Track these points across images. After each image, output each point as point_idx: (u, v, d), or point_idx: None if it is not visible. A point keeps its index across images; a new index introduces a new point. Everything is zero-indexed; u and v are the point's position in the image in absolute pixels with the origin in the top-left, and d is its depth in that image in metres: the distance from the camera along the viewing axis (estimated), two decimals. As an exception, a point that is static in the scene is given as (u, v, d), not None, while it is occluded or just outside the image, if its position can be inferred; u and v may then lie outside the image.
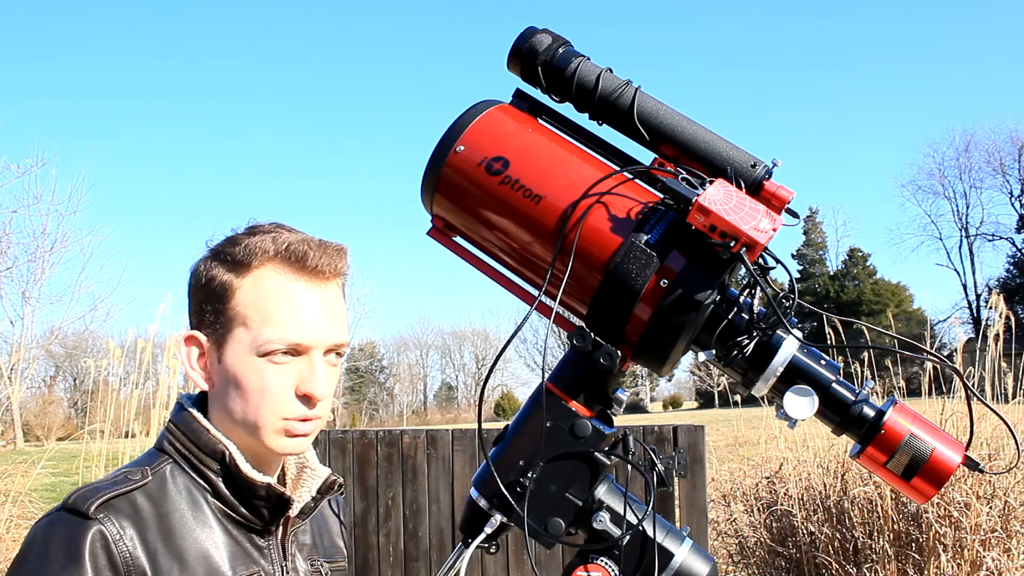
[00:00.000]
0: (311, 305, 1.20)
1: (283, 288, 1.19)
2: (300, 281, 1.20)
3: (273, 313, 1.18)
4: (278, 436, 1.19)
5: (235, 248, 1.21)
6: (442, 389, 63.04)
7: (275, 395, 1.18)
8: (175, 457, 1.21)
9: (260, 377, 1.18)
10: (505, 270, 1.33)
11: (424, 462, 4.92)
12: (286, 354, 1.18)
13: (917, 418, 1.19)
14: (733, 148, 1.26)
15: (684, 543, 1.24)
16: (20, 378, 16.42)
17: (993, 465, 5.15)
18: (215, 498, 1.20)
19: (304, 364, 1.19)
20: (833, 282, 49.14)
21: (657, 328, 1.18)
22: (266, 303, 1.19)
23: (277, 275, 1.20)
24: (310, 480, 1.31)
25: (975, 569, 5.13)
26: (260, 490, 1.20)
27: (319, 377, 1.19)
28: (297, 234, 1.24)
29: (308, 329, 1.19)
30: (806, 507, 5.71)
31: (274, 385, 1.18)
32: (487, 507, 1.24)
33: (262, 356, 1.17)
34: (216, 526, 1.19)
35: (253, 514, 1.21)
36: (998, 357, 6.20)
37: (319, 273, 1.21)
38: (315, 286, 1.21)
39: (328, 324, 1.21)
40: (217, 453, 1.20)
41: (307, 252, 1.20)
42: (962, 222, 48.93)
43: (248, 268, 1.20)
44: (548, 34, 1.33)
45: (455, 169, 1.27)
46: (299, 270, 1.20)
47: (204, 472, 1.20)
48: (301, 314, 1.19)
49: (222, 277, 1.21)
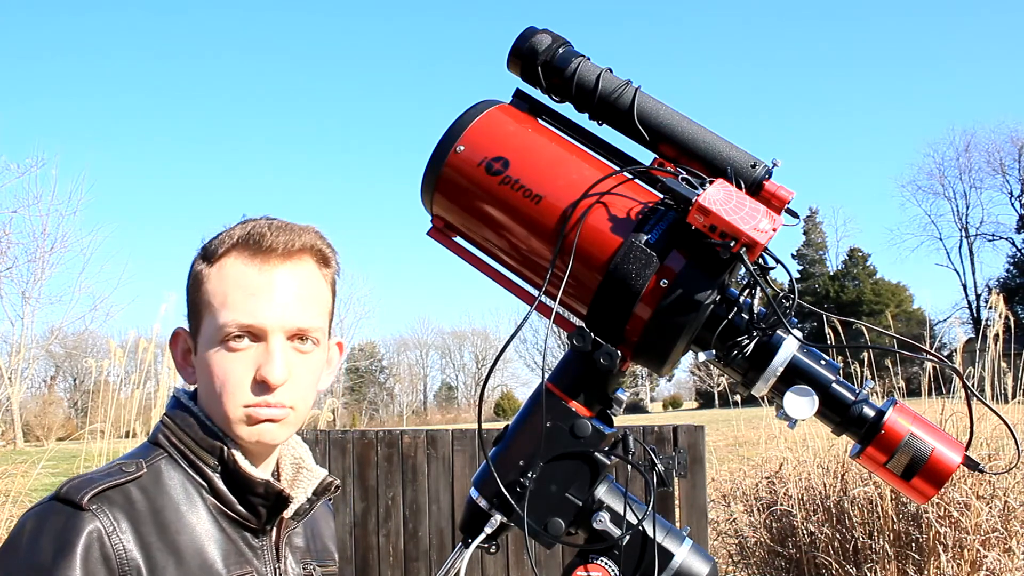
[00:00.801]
0: (266, 286, 1.17)
1: (240, 272, 1.17)
2: (255, 263, 1.17)
3: (228, 297, 1.16)
4: (242, 425, 1.16)
5: (213, 241, 1.21)
6: (442, 389, 63.09)
7: (233, 381, 1.15)
8: (170, 451, 1.19)
9: (220, 365, 1.15)
10: (505, 270, 1.32)
11: (424, 462, 4.92)
12: (244, 339, 1.15)
13: (917, 418, 1.19)
14: (733, 148, 1.26)
15: (684, 543, 1.24)
16: (20, 378, 16.43)
17: (993, 465, 5.15)
18: (211, 494, 1.17)
19: (262, 349, 1.16)
20: (833, 282, 49.13)
21: (657, 328, 1.18)
22: (224, 288, 1.17)
23: (238, 261, 1.18)
24: (306, 481, 1.29)
25: (975, 569, 5.13)
26: (258, 487, 1.17)
27: (275, 361, 1.14)
28: (271, 220, 1.22)
29: (260, 310, 1.15)
30: (806, 507, 5.71)
31: (233, 371, 1.15)
32: (487, 507, 1.24)
33: (221, 343, 1.15)
34: (211, 523, 1.16)
35: (250, 512, 1.19)
36: (998, 357, 6.20)
37: (273, 251, 1.18)
38: (272, 266, 1.18)
39: (286, 305, 1.17)
40: (215, 448, 1.17)
41: (264, 233, 1.18)
42: (962, 222, 48.97)
43: (216, 258, 1.19)
44: (548, 34, 1.33)
45: (455, 169, 1.27)
46: (256, 252, 1.18)
47: (200, 467, 1.17)
48: (255, 296, 1.16)
49: (196, 269, 1.21)
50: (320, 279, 1.23)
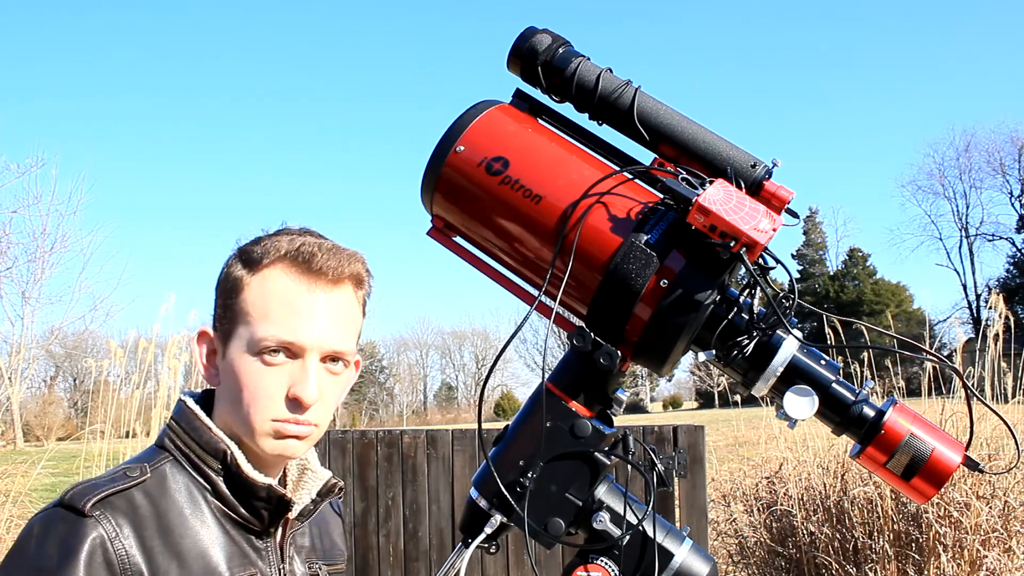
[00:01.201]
0: (310, 307, 1.18)
1: (285, 287, 1.18)
2: (303, 282, 1.19)
3: (271, 311, 1.17)
4: (268, 438, 1.17)
5: (255, 247, 1.22)
6: (442, 389, 63.09)
7: (266, 395, 1.16)
8: (175, 454, 1.20)
9: (253, 376, 1.17)
10: (505, 270, 1.32)
11: (424, 462, 4.92)
12: (280, 354, 1.17)
13: (917, 418, 1.19)
14: (733, 148, 1.26)
15: (684, 543, 1.24)
16: (20, 378, 16.43)
17: (993, 465, 5.15)
18: (215, 497, 1.18)
19: (298, 367, 1.17)
20: (833, 282, 49.12)
21: (657, 328, 1.18)
22: (266, 301, 1.18)
23: (283, 275, 1.19)
24: (311, 482, 1.30)
25: (975, 569, 5.13)
26: (261, 491, 1.18)
27: (310, 380, 1.17)
28: (317, 239, 1.23)
29: (302, 330, 1.17)
30: (806, 507, 5.71)
31: (266, 385, 1.16)
32: (487, 507, 1.24)
33: (256, 355, 1.16)
34: (215, 525, 1.17)
35: (253, 515, 1.20)
36: (998, 357, 6.20)
37: (323, 275, 1.19)
38: (319, 288, 1.19)
39: (326, 328, 1.19)
40: (219, 452, 1.18)
41: (314, 254, 1.19)
42: (962, 222, 48.96)
43: (259, 266, 1.19)
44: (548, 34, 1.33)
45: (455, 169, 1.27)
46: (304, 271, 1.19)
47: (204, 471, 1.18)
48: (298, 314, 1.17)
49: (236, 274, 1.21)
50: (356, 304, 1.26)
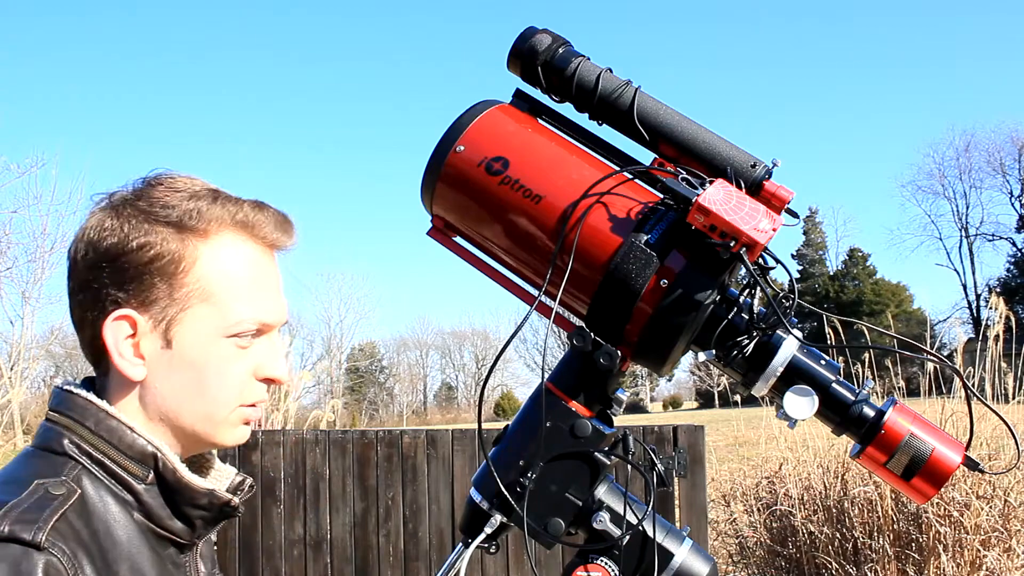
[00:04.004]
0: (275, 280, 1.09)
1: (247, 260, 1.06)
2: (260, 251, 1.08)
3: (243, 288, 1.04)
4: (234, 428, 1.06)
5: (178, 209, 1.02)
6: (442, 389, 63.09)
7: (238, 382, 1.05)
8: (83, 462, 0.99)
9: (225, 362, 1.03)
10: (505, 270, 1.32)
11: (424, 462, 4.92)
12: (253, 335, 1.05)
13: (917, 418, 1.19)
14: (733, 148, 1.26)
15: (684, 543, 1.24)
16: (20, 378, 16.41)
17: (993, 465, 5.15)
18: (138, 510, 1.00)
19: (265, 345, 1.07)
20: (833, 282, 49.13)
21: (657, 328, 1.18)
22: (232, 276, 1.04)
23: (239, 244, 1.06)
24: (215, 482, 1.14)
25: (975, 569, 5.13)
26: (201, 498, 1.03)
27: (283, 359, 1.08)
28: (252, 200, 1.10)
29: (273, 307, 1.07)
30: (806, 507, 5.71)
31: (239, 371, 1.04)
32: (487, 507, 1.24)
33: (229, 338, 1.03)
34: (144, 545, 0.99)
35: (187, 526, 1.04)
36: (998, 357, 6.21)
37: (274, 243, 1.09)
38: (270, 255, 1.10)
39: (284, 299, 1.11)
40: (147, 457, 1.00)
41: (261, 220, 1.07)
42: (962, 222, 48.99)
43: (205, 234, 1.03)
44: (548, 34, 1.33)
45: (455, 169, 1.27)
46: (256, 239, 1.07)
47: (126, 481, 1.00)
48: (269, 291, 1.07)
49: (171, 244, 1.01)
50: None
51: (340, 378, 47.75)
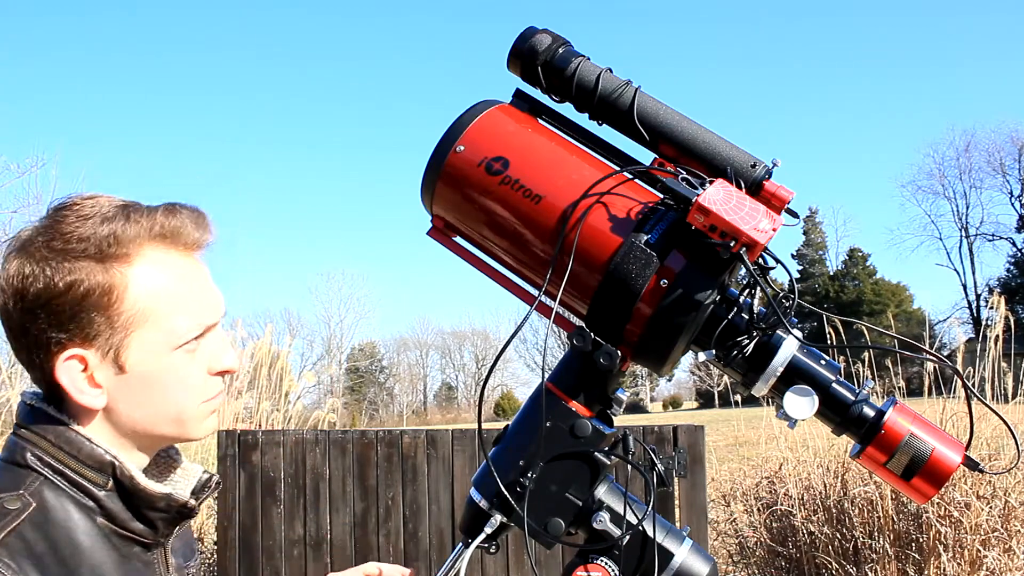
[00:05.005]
0: (206, 279, 1.12)
1: (174, 270, 1.07)
2: (183, 257, 1.09)
3: (180, 301, 1.06)
4: (203, 421, 1.12)
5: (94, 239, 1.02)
6: (442, 389, 63.09)
7: (196, 382, 1.09)
8: (46, 473, 1.03)
9: (181, 370, 1.07)
10: (505, 270, 1.32)
11: (424, 462, 4.92)
12: (200, 338, 1.09)
13: (917, 418, 1.19)
14: (733, 148, 1.26)
15: (684, 543, 1.24)
16: (20, 376, 16.37)
17: (993, 465, 5.15)
18: (102, 516, 1.05)
19: (211, 341, 1.11)
20: (833, 282, 49.14)
21: (657, 328, 1.18)
22: (166, 292, 1.06)
23: (163, 257, 1.07)
24: (183, 481, 1.19)
25: (975, 569, 5.13)
26: (159, 501, 1.07)
27: (231, 349, 1.13)
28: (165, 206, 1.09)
29: (214, 304, 1.11)
30: (806, 507, 5.71)
31: (194, 373, 1.09)
32: (487, 507, 1.24)
33: (178, 348, 1.06)
34: (106, 549, 1.04)
35: (148, 527, 1.08)
36: (998, 357, 6.20)
37: (194, 244, 1.11)
38: (196, 258, 1.12)
39: (219, 292, 1.14)
40: (105, 465, 1.04)
41: (179, 226, 1.08)
42: (962, 222, 49.02)
43: (128, 258, 1.03)
44: (548, 34, 1.33)
45: (455, 169, 1.27)
46: (176, 245, 1.08)
47: (88, 488, 1.04)
48: (204, 292, 1.10)
49: (97, 277, 1.01)
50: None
51: (340, 378, 47.74)
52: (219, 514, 5.17)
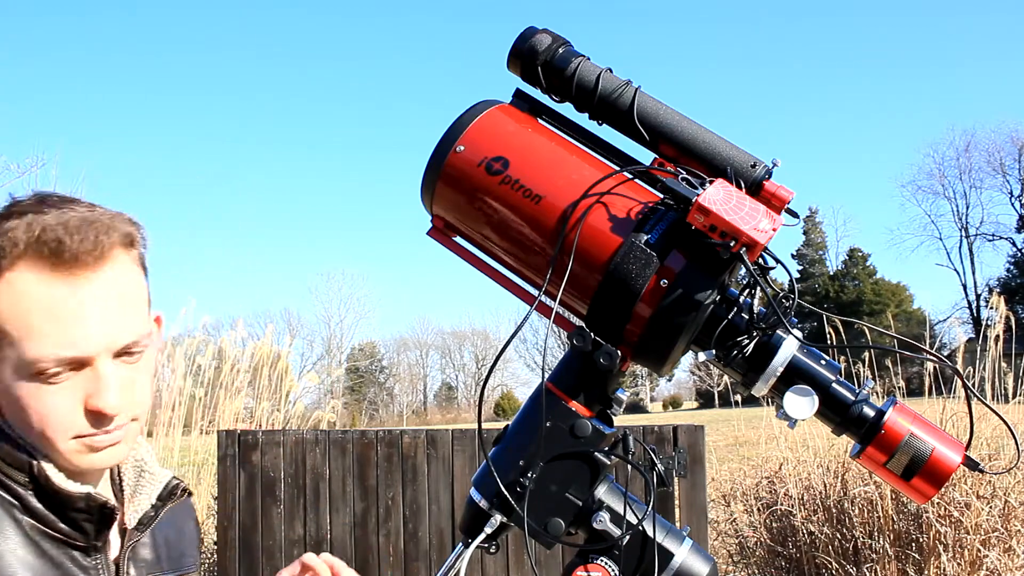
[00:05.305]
0: (80, 307, 0.99)
1: (41, 292, 0.98)
2: (61, 278, 0.98)
3: (35, 326, 0.97)
4: (77, 455, 1.03)
5: None
6: (442, 389, 63.11)
7: (61, 417, 1.00)
8: None
9: (38, 400, 1.00)
10: (505, 270, 1.32)
11: (424, 462, 4.92)
12: (64, 371, 0.99)
13: (917, 418, 1.19)
14: (733, 148, 1.26)
15: (684, 543, 1.24)
16: None
17: (993, 465, 5.15)
18: (26, 514, 1.02)
19: (89, 375, 1.00)
20: (833, 282, 49.15)
21: (657, 328, 1.18)
22: (24, 314, 0.97)
23: (32, 275, 0.98)
24: (149, 486, 1.16)
25: (975, 569, 5.13)
26: (78, 502, 1.03)
27: (110, 388, 1.00)
28: (60, 213, 0.99)
29: (81, 340, 0.98)
30: (806, 507, 5.71)
31: (58, 407, 1.00)
32: (487, 507, 1.24)
33: (34, 377, 0.99)
34: (25, 547, 1.00)
35: (75, 529, 1.05)
36: (998, 357, 6.21)
37: (80, 262, 0.99)
38: (82, 279, 0.99)
39: (109, 324, 1.01)
40: (23, 464, 1.03)
41: (61, 239, 0.97)
42: (962, 222, 49.03)
43: None
44: (548, 34, 1.33)
45: (455, 169, 1.27)
46: (56, 264, 0.98)
47: (10, 485, 1.02)
48: (68, 322, 0.98)
49: None
50: (133, 270, 1.06)
51: (340, 378, 47.77)
52: (219, 514, 5.17)
